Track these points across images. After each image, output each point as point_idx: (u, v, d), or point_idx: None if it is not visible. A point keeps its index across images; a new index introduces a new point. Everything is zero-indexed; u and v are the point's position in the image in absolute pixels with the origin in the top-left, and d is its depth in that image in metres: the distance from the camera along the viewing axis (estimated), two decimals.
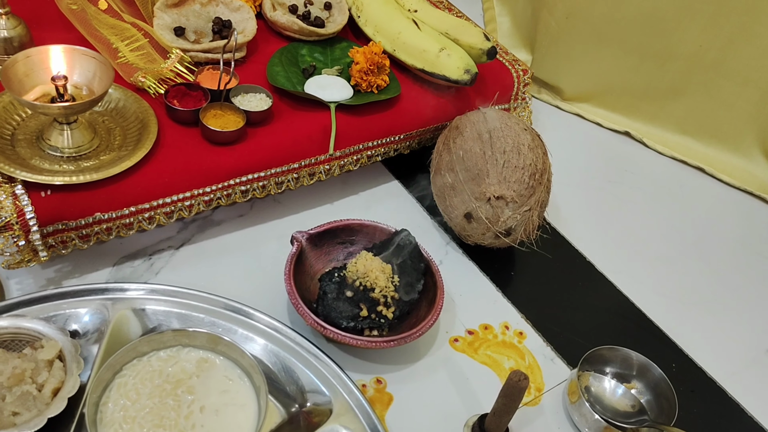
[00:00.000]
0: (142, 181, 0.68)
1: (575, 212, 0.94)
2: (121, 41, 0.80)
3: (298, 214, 0.84)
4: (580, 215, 0.94)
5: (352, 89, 0.84)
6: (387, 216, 0.85)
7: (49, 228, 0.64)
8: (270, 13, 0.89)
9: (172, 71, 0.79)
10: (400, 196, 0.90)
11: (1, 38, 0.73)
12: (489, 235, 0.79)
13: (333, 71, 0.87)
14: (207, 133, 0.73)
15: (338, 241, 0.77)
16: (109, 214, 0.67)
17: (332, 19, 0.94)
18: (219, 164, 0.72)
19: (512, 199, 0.77)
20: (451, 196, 0.80)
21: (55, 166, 0.67)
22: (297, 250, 0.72)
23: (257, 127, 0.77)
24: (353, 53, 0.85)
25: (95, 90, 0.68)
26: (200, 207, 0.73)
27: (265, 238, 0.80)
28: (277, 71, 0.84)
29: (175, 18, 0.85)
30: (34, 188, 0.64)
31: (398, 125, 0.85)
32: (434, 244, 0.84)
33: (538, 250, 0.81)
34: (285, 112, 0.80)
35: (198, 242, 0.77)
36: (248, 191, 0.75)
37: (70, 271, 0.71)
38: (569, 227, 0.91)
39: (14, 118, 0.69)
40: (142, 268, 0.73)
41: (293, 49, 0.88)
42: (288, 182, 0.78)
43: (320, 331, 0.65)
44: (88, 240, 0.67)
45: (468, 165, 0.78)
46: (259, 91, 0.80)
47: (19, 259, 0.64)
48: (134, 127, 0.72)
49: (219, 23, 0.86)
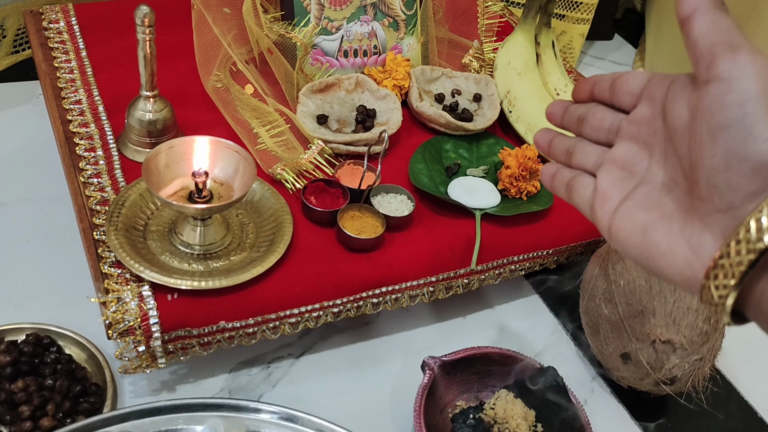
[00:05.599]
0: (272, 290, 0.63)
1: (755, 361, 0.80)
2: (262, 126, 0.77)
3: (428, 327, 0.76)
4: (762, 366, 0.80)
5: (499, 195, 0.76)
6: (525, 338, 0.76)
7: (171, 334, 0.60)
8: (416, 104, 0.83)
9: (311, 163, 0.74)
10: (541, 314, 0.80)
11: (146, 120, 0.70)
12: (648, 381, 0.68)
13: (479, 171, 0.80)
14: (343, 238, 0.67)
15: (474, 371, 0.68)
16: (234, 323, 0.61)
17: (481, 112, 0.87)
18: (353, 274, 0.66)
19: (681, 346, 0.66)
20: (606, 330, 0.70)
21: (185, 264, 0.63)
22: (429, 380, 0.64)
23: (396, 232, 0.71)
24: (504, 155, 0.78)
25: (235, 187, 0.63)
26: (328, 318, 0.66)
27: (391, 352, 0.72)
28: (419, 169, 0.77)
29: (318, 104, 0.81)
30: (161, 290, 0.60)
31: (548, 239, 0.76)
32: (578, 379, 0.74)
33: (708, 408, 0.69)
34: (426, 216, 0.74)
35: (320, 351, 0.71)
36: (379, 304, 0.69)
37: (185, 375, 0.66)
38: (743, 377, 0.78)
39: (149, 206, 0.66)
40: (260, 377, 0.67)
41: (437, 144, 0.82)
42: (422, 296, 0.71)
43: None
44: (209, 347, 0.62)
45: (630, 299, 0.68)
46: (401, 192, 0.73)
47: (137, 365, 0.60)
48: (268, 225, 0.67)
49: (363, 112, 0.81)
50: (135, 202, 0.66)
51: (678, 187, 0.36)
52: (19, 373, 0.60)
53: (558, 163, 0.45)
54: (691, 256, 0.34)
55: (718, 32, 0.32)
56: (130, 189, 0.66)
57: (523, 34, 0.89)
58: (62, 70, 0.80)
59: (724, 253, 0.31)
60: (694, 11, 0.33)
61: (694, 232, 0.34)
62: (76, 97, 0.77)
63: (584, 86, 0.43)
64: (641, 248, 0.36)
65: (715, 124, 0.32)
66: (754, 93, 0.31)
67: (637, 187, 0.38)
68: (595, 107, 0.42)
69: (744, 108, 0.31)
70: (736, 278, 0.31)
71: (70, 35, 0.84)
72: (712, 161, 0.32)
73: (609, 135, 0.41)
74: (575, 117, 0.43)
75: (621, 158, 0.39)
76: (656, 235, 0.36)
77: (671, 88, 0.36)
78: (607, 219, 0.39)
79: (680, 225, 0.35)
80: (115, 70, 0.81)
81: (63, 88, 0.77)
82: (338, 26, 0.85)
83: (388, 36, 0.88)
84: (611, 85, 0.41)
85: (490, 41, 0.95)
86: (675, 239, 0.35)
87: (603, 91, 0.41)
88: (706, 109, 0.32)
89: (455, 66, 0.93)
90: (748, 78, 0.31)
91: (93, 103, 0.76)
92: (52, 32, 0.84)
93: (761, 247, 0.29)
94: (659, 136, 0.37)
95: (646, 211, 0.37)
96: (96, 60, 0.82)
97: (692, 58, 0.33)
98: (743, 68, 0.31)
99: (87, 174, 0.69)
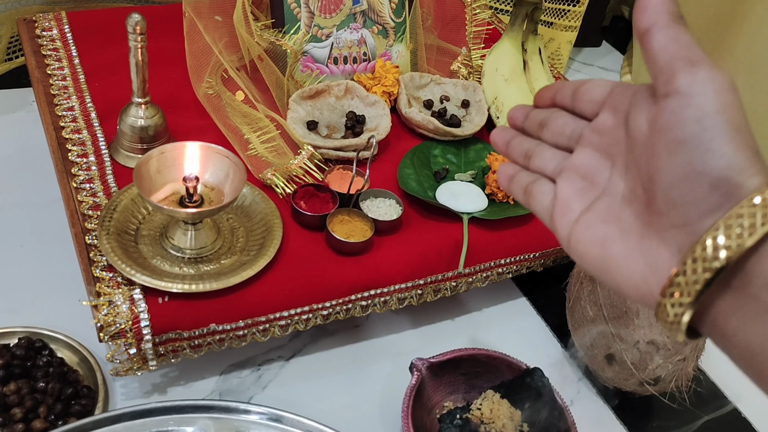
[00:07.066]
0: (262, 292, 0.64)
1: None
2: (252, 132, 0.78)
3: (417, 329, 0.77)
4: None
5: (486, 199, 0.78)
6: (512, 340, 0.77)
7: (162, 337, 0.60)
8: (405, 110, 0.85)
9: (301, 168, 0.75)
10: (528, 316, 0.81)
11: (138, 127, 0.71)
12: (633, 382, 0.69)
13: (467, 176, 0.81)
14: (333, 241, 0.68)
15: (461, 372, 0.69)
16: (224, 326, 0.62)
17: (469, 118, 0.88)
18: (342, 277, 0.67)
19: (664, 346, 0.67)
20: (592, 332, 0.71)
21: (176, 268, 0.63)
22: (417, 381, 0.65)
23: (384, 235, 0.72)
24: (491, 160, 0.79)
25: (226, 191, 0.64)
26: (317, 321, 0.67)
27: (380, 354, 0.73)
28: (408, 174, 0.78)
29: (308, 111, 0.82)
30: (152, 293, 0.61)
31: (535, 242, 0.77)
32: (565, 380, 0.75)
33: (691, 408, 0.70)
34: (414, 220, 0.75)
35: (310, 353, 0.72)
36: (368, 306, 0.70)
37: (176, 377, 0.67)
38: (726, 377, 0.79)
39: (141, 211, 0.67)
40: (250, 379, 0.68)
41: (426, 149, 0.83)
42: (411, 298, 0.72)
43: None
44: (199, 350, 0.63)
45: (614, 300, 0.69)
46: (390, 196, 0.75)
47: (128, 367, 0.61)
48: (259, 229, 0.68)
49: (353, 118, 0.82)
50: (126, 206, 0.66)
51: (637, 200, 0.35)
52: (11, 376, 0.61)
53: (515, 164, 0.44)
54: (647, 271, 0.33)
55: (677, 47, 0.32)
56: (121, 194, 0.67)
57: (510, 41, 0.91)
58: (55, 77, 0.81)
59: (681, 271, 0.31)
60: (652, 25, 0.32)
61: (651, 248, 0.33)
62: (69, 103, 0.78)
63: (546, 93, 0.43)
64: (599, 261, 0.36)
65: (673, 138, 0.31)
66: (713, 108, 0.30)
67: (598, 198, 0.37)
68: (557, 112, 0.42)
69: (702, 123, 0.30)
70: (692, 297, 0.30)
71: (63, 43, 0.85)
72: (670, 176, 0.32)
73: (570, 141, 0.40)
74: (536, 121, 0.43)
75: (582, 166, 0.39)
76: (614, 249, 0.35)
77: (633, 99, 0.36)
78: (566, 230, 0.38)
79: (638, 239, 0.34)
80: (107, 77, 0.82)
81: (56, 95, 0.78)
82: (328, 34, 0.86)
83: (378, 43, 0.89)
84: (573, 93, 0.40)
85: (478, 48, 0.97)
86: (632, 254, 0.34)
87: (564, 99, 0.41)
88: (665, 124, 0.32)
89: (444, 72, 0.94)
90: (707, 93, 0.31)
91: (85, 109, 0.77)
92: (45, 40, 0.85)
93: (717, 266, 0.29)
94: (621, 146, 0.36)
95: (605, 223, 0.36)
96: (88, 67, 0.83)
97: (651, 72, 0.33)
98: (702, 83, 0.31)
99: (79, 179, 0.69)
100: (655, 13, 0.32)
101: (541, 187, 0.41)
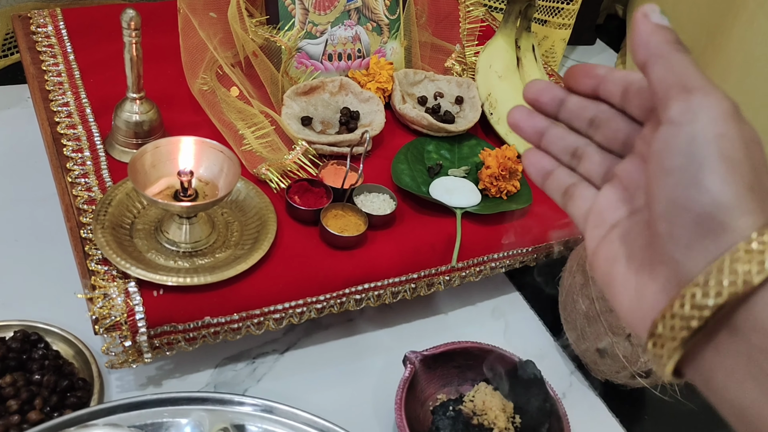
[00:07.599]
0: (256, 286, 0.64)
1: None
2: (247, 128, 0.78)
3: (410, 323, 0.77)
4: None
5: (480, 194, 0.78)
6: (505, 333, 0.78)
7: (156, 329, 0.61)
8: (399, 106, 0.85)
9: (295, 163, 0.75)
10: (521, 310, 0.82)
11: (133, 122, 0.72)
12: (625, 374, 0.70)
13: (460, 172, 0.82)
14: (326, 236, 0.69)
15: (454, 365, 0.70)
16: (219, 318, 0.63)
17: (463, 114, 0.89)
18: (336, 271, 0.68)
19: None
20: (584, 325, 0.72)
21: (170, 261, 0.64)
22: (410, 374, 0.65)
23: (378, 230, 0.72)
24: (484, 156, 0.80)
25: (220, 186, 0.65)
26: (311, 314, 0.68)
27: (374, 347, 0.74)
28: (402, 169, 0.79)
29: (303, 107, 0.83)
30: (147, 287, 0.61)
31: (528, 237, 0.78)
32: (557, 373, 0.75)
33: (682, 400, 0.71)
34: (407, 214, 0.75)
35: (304, 347, 0.72)
36: (362, 300, 0.70)
37: (171, 371, 0.67)
38: None
39: (135, 205, 0.68)
40: (245, 372, 0.69)
41: (419, 145, 0.84)
42: (404, 292, 0.72)
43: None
44: (194, 342, 0.64)
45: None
46: (384, 191, 0.75)
47: (123, 360, 0.61)
48: (253, 224, 0.69)
49: (347, 114, 0.83)
50: (121, 201, 0.67)
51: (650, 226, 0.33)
52: (7, 368, 0.61)
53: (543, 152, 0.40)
54: (635, 302, 0.32)
55: (673, 75, 0.30)
56: (116, 188, 0.68)
57: (503, 39, 0.91)
58: (50, 73, 0.81)
59: (660, 323, 0.30)
60: (648, 57, 0.31)
61: (642, 279, 0.32)
62: (64, 99, 0.78)
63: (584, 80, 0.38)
64: (605, 279, 0.35)
65: (662, 169, 0.30)
66: (704, 138, 0.28)
67: (629, 215, 0.35)
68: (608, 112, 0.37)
69: (691, 153, 0.28)
70: (671, 349, 0.29)
71: (58, 39, 0.86)
72: (658, 208, 0.30)
73: (624, 148, 0.37)
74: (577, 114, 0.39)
75: (627, 176, 0.35)
76: (617, 270, 0.34)
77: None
78: (595, 242, 0.36)
79: (637, 267, 0.33)
80: (102, 73, 0.82)
81: (51, 91, 0.79)
82: (322, 30, 0.87)
83: (372, 40, 0.90)
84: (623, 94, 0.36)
85: (471, 45, 0.97)
86: (629, 281, 0.33)
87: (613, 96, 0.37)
88: (656, 152, 0.30)
89: (438, 69, 0.95)
90: (699, 121, 0.28)
91: (80, 105, 0.78)
92: (40, 36, 0.85)
93: (695, 326, 0.28)
94: None
95: (621, 243, 0.34)
96: (83, 63, 0.83)
97: (654, 103, 0.32)
98: (696, 111, 0.29)
99: (74, 174, 0.70)
100: (652, 45, 0.31)
101: (584, 191, 0.38)
